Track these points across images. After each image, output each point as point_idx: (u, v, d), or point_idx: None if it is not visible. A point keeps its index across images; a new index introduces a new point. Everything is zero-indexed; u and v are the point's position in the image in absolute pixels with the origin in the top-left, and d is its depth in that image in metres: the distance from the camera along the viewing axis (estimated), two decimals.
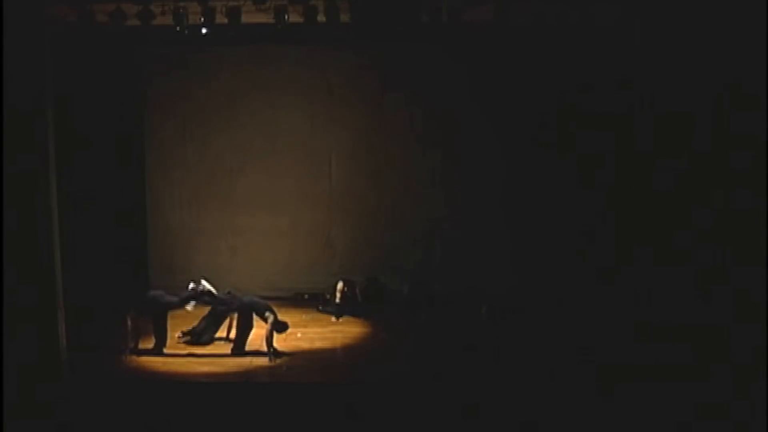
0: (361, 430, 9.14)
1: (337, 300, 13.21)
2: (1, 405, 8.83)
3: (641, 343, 10.65)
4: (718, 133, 9.89)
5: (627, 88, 11.69)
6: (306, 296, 13.83)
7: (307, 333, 12.26)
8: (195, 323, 11.61)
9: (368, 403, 9.42)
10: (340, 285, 13.25)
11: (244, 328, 11.35)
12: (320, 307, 13.37)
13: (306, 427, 9.15)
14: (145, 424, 9.10)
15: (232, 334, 11.39)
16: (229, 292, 11.61)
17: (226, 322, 11.56)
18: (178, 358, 10.91)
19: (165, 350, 11.05)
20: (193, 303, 11.35)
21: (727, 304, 9.65)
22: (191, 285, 11.50)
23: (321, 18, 10.63)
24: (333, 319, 13.00)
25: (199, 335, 11.51)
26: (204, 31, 11.08)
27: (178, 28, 10.68)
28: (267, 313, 11.10)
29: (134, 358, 10.96)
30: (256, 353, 11.11)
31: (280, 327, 11.11)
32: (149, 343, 11.17)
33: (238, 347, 11.23)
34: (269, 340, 10.96)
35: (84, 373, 10.22)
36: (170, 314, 11.38)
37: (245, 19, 10.62)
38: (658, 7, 10.44)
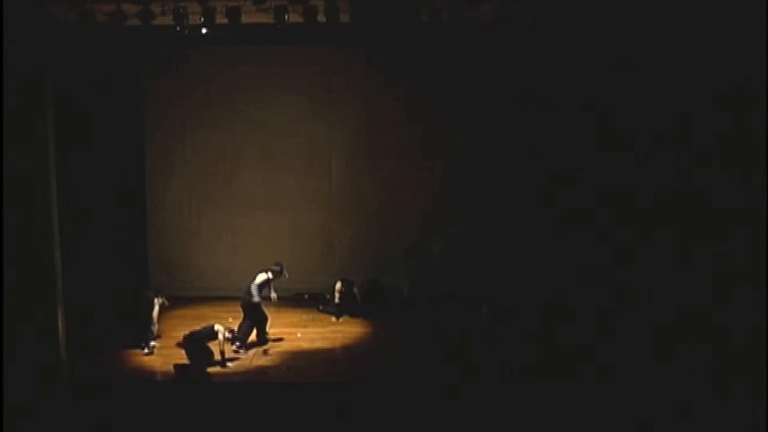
0: (361, 430, 9.14)
1: (336, 300, 13.20)
2: (1, 405, 8.84)
3: (641, 342, 10.69)
4: (719, 132, 9.90)
5: (627, 88, 11.70)
6: (306, 296, 13.83)
7: (307, 333, 12.28)
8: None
9: (368, 403, 9.43)
10: (338, 285, 13.24)
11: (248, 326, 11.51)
12: (320, 307, 13.37)
13: (306, 427, 9.16)
14: (145, 424, 9.11)
15: None
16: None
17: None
18: (180, 358, 10.91)
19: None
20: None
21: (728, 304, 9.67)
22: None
23: (321, 18, 10.62)
24: (333, 319, 13.01)
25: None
26: (204, 31, 11.07)
27: (178, 28, 10.67)
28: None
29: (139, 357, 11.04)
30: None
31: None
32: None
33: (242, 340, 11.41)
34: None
35: (84, 373, 10.23)
36: (171, 315, 11.42)
37: (245, 19, 10.61)
38: (658, 7, 10.44)
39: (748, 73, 9.20)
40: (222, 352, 10.77)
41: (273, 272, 11.85)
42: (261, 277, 11.74)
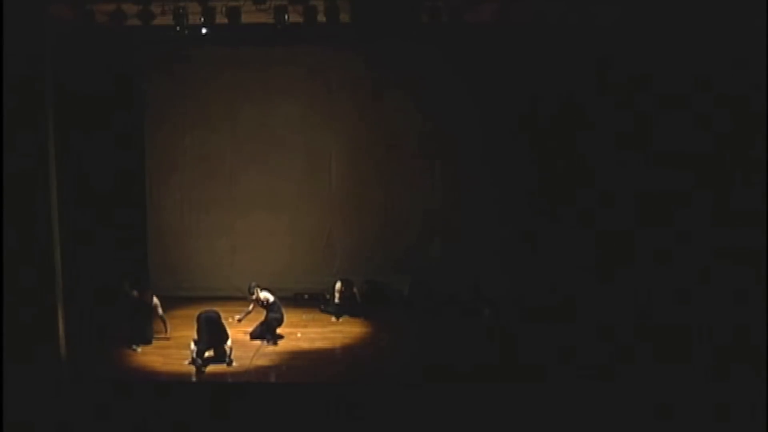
0: (362, 430, 9.15)
1: (336, 300, 13.20)
2: (1, 405, 8.84)
3: (640, 342, 10.70)
4: (718, 132, 9.90)
5: (627, 89, 11.71)
6: (306, 296, 13.84)
7: (307, 333, 12.28)
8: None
9: (368, 403, 9.43)
10: (338, 285, 13.23)
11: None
12: (321, 307, 13.37)
13: (306, 427, 9.16)
14: (145, 424, 9.11)
15: None
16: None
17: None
18: (179, 359, 10.92)
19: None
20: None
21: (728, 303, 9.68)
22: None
23: (321, 18, 10.64)
24: (333, 319, 13.00)
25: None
26: (204, 31, 11.09)
27: (178, 28, 10.69)
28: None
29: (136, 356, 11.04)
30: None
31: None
32: None
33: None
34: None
35: (84, 372, 10.23)
36: (172, 315, 11.48)
37: (245, 19, 10.63)
38: (658, 7, 10.45)
39: (748, 71, 9.21)
40: (230, 348, 10.83)
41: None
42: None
